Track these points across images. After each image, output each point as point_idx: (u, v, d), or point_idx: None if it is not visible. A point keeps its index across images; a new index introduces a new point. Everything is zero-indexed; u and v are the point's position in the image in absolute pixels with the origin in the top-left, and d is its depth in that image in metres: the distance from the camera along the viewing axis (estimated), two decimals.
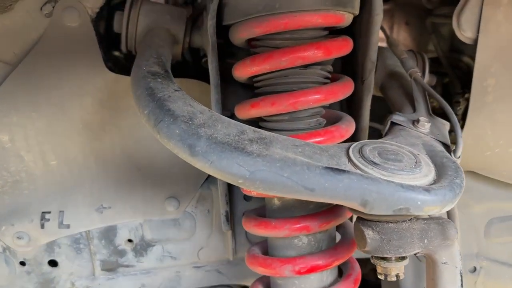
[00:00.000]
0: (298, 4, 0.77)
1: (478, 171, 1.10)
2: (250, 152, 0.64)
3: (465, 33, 0.96)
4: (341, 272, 0.97)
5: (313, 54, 0.81)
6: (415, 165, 0.70)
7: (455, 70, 1.26)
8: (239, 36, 0.84)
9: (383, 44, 1.28)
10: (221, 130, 0.67)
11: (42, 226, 1.06)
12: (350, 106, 1.03)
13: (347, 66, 1.02)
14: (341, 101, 1.01)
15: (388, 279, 0.73)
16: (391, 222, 0.70)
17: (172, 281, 1.15)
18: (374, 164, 0.68)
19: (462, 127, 1.01)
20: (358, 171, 0.66)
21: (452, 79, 1.28)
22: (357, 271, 0.95)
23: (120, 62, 1.19)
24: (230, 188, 1.06)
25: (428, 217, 0.73)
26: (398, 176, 0.66)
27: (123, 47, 0.99)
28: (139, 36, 0.97)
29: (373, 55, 0.90)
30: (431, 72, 1.13)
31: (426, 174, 0.69)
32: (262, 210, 0.98)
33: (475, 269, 1.23)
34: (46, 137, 1.00)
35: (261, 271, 0.90)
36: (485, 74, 0.96)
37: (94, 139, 1.03)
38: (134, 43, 0.98)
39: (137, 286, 1.14)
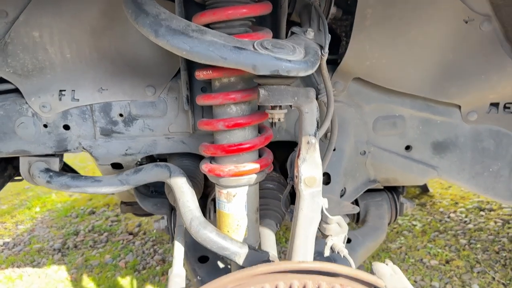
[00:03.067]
0: None
1: (362, 77, 1.57)
2: (191, 36, 1.11)
3: None
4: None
5: None
6: (291, 51, 1.17)
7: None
8: None
9: None
10: (175, 23, 1.13)
11: (60, 99, 1.53)
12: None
13: None
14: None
15: (274, 121, 1.22)
16: (274, 85, 1.18)
17: (150, 146, 1.64)
18: (266, 49, 1.14)
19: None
20: (253, 49, 1.12)
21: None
22: (269, 133, 1.44)
23: None
24: (191, 80, 1.52)
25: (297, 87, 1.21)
26: (278, 54, 1.13)
27: None
28: None
29: None
30: (337, 5, 1.58)
31: (297, 56, 1.16)
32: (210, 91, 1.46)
33: (365, 152, 1.72)
34: (65, 36, 1.45)
35: (204, 127, 1.39)
36: (365, 5, 1.41)
37: (98, 39, 1.48)
38: None
39: (125, 148, 1.63)
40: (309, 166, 1.22)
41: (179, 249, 1.55)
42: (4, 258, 3.50)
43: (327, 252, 1.27)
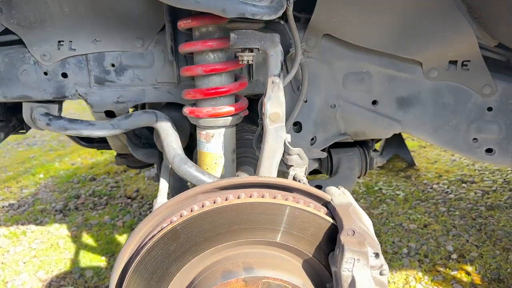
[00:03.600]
0: None
1: (331, 33, 1.73)
2: None
3: None
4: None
5: None
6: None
7: None
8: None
9: None
10: None
11: (58, 49, 1.70)
12: None
13: None
14: None
15: (243, 63, 1.39)
16: (244, 29, 1.35)
17: (139, 95, 1.82)
18: None
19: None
20: None
21: None
22: (244, 80, 1.62)
23: None
24: (175, 32, 1.69)
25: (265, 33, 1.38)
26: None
27: None
28: None
29: None
30: None
31: (263, 2, 1.32)
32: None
33: (335, 105, 1.88)
34: None
35: (185, 73, 1.57)
36: None
37: None
38: None
39: (117, 96, 1.80)
40: (273, 104, 1.40)
41: (163, 184, 1.74)
42: (9, 217, 3.72)
43: (290, 180, 1.45)
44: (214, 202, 1.12)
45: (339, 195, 1.24)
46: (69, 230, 3.45)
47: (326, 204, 1.18)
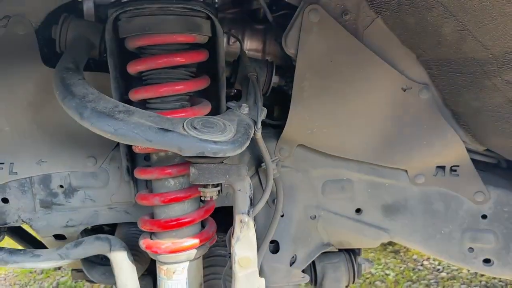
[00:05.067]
0: (161, 27, 1.23)
1: (306, 144, 1.57)
2: (117, 118, 1.09)
3: (289, 50, 1.42)
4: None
5: (174, 60, 1.27)
6: (221, 130, 1.16)
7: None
8: (129, 45, 1.29)
9: (259, 54, 1.75)
10: (102, 104, 1.12)
11: None
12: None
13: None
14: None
15: (206, 199, 1.20)
16: (205, 164, 1.16)
17: (92, 217, 1.60)
18: (195, 128, 1.13)
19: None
20: (180, 131, 1.11)
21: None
22: (210, 204, 1.41)
23: None
24: (133, 151, 1.50)
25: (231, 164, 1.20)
26: (206, 135, 1.12)
27: (57, 49, 1.42)
28: (68, 42, 1.41)
29: (222, 62, 1.36)
30: (281, 75, 1.61)
31: (226, 135, 1.15)
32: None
33: (315, 216, 1.69)
34: (2, 111, 1.43)
35: (141, 202, 1.36)
36: (302, 78, 1.43)
37: (36, 113, 1.46)
38: (65, 46, 1.41)
39: (66, 220, 1.58)
40: (243, 246, 1.19)
41: None
42: None
43: None
44: None
45: None
46: None
47: None
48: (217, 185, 1.20)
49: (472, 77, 1.28)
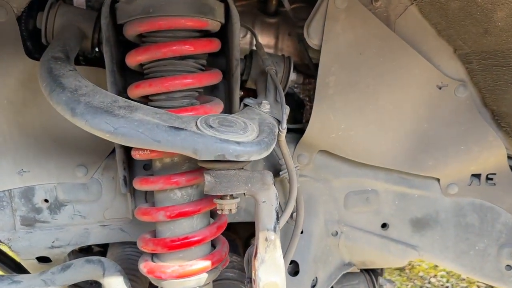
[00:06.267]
0: (168, 9, 1.04)
1: (329, 150, 1.39)
2: (117, 114, 0.89)
3: (313, 41, 1.25)
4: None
5: (182, 48, 1.08)
6: (242, 129, 0.97)
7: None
8: (128, 33, 1.10)
9: (270, 50, 1.58)
10: (98, 99, 0.92)
11: None
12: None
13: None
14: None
15: (224, 213, 1.00)
16: (223, 170, 0.96)
17: (81, 236, 1.37)
18: (211, 127, 0.93)
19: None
20: (194, 129, 0.91)
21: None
22: (223, 220, 1.21)
23: None
24: (130, 158, 1.30)
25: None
26: (225, 135, 0.93)
27: (43, 40, 1.22)
28: (56, 32, 1.21)
29: (236, 54, 1.18)
30: (299, 72, 1.43)
31: (248, 135, 0.96)
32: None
33: (337, 233, 1.50)
34: None
35: (142, 218, 1.15)
36: (327, 73, 1.25)
37: (17, 114, 1.25)
38: (52, 37, 1.21)
39: (52, 240, 1.35)
40: (269, 270, 0.98)
41: None
42: None
43: None
44: None
45: None
46: None
47: None
48: (236, 196, 1.00)
49: None
